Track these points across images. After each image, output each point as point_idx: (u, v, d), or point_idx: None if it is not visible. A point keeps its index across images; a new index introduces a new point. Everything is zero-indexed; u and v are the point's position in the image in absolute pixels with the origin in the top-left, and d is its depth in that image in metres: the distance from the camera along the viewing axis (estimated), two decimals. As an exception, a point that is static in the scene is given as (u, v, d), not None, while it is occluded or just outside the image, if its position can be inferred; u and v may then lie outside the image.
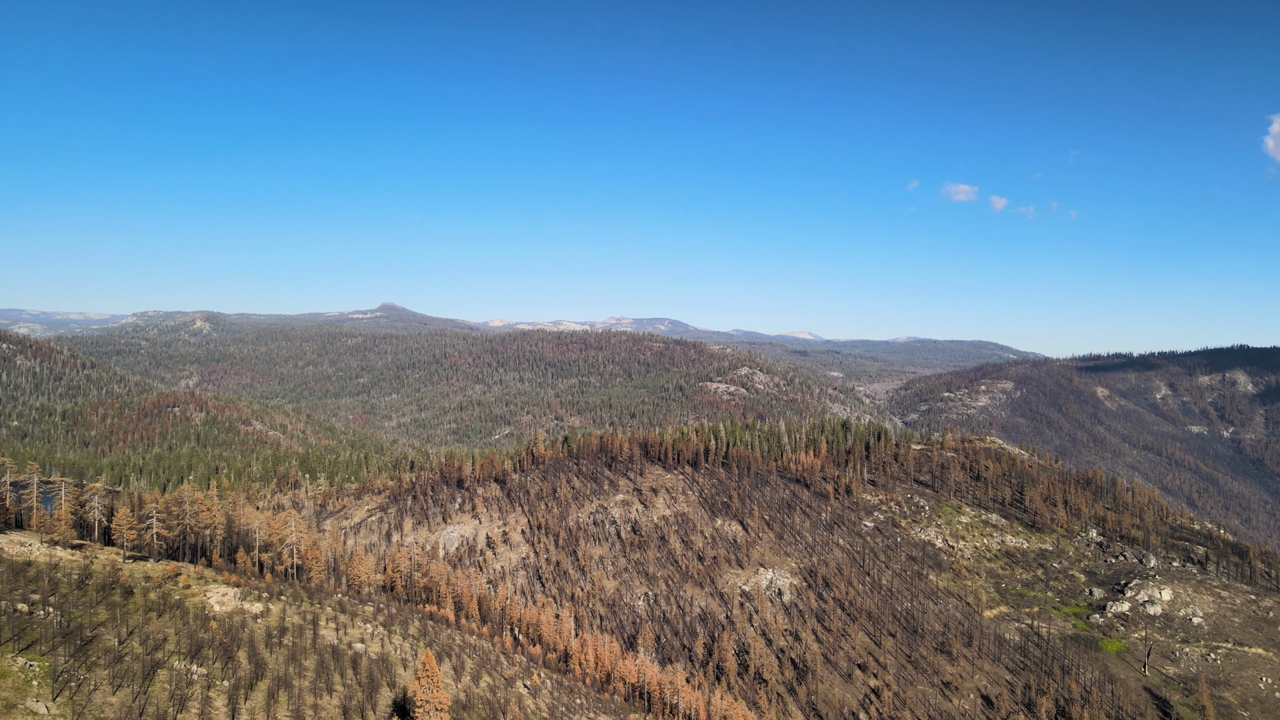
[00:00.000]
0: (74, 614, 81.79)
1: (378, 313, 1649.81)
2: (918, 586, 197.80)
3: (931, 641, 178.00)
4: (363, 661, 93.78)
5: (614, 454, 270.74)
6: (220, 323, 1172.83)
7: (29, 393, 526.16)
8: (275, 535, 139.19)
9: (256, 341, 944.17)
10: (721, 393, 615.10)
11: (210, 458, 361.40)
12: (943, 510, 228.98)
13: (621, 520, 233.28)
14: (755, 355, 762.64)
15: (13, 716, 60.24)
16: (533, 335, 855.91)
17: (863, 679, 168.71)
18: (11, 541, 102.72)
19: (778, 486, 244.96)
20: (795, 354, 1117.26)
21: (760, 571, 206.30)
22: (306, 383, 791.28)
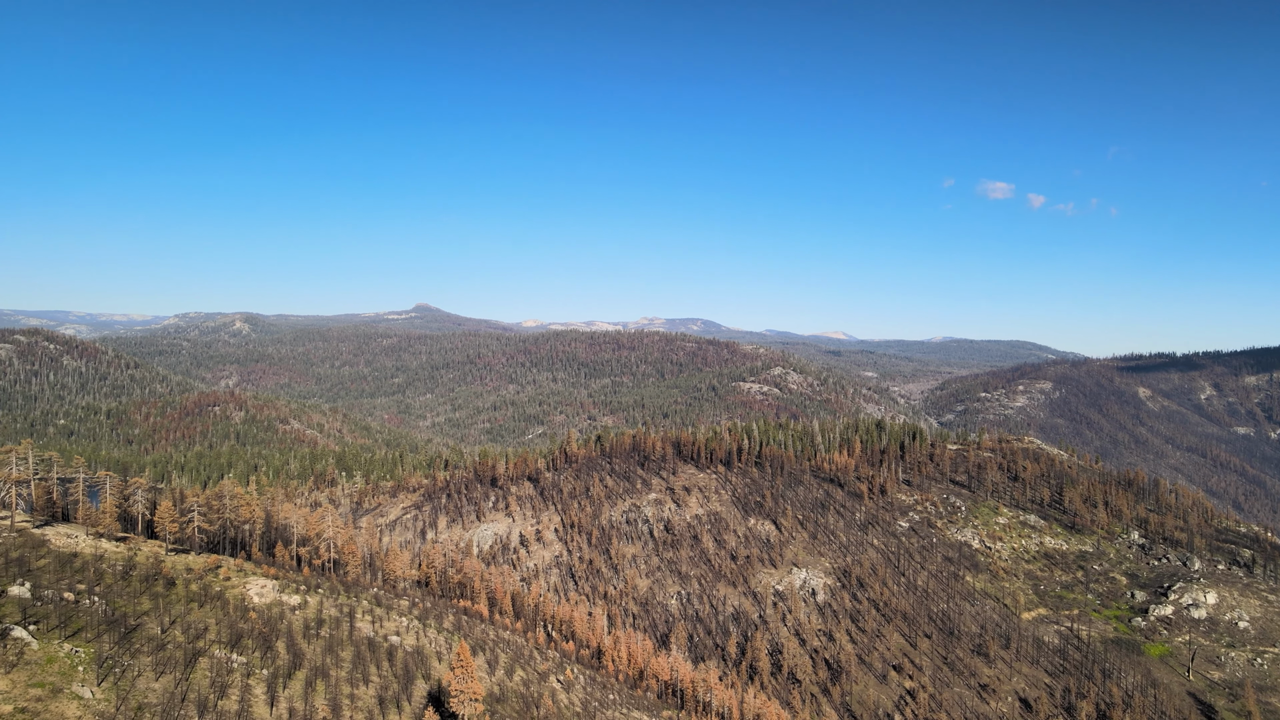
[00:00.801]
0: (118, 603, 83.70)
1: (412, 313, 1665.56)
2: (954, 588, 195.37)
3: (968, 643, 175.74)
4: (398, 654, 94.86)
5: (647, 453, 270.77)
6: (259, 323, 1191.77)
7: (75, 392, 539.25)
8: (313, 530, 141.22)
9: (294, 342, 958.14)
10: (754, 393, 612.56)
11: (249, 456, 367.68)
12: (979, 511, 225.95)
13: (654, 519, 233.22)
14: (788, 355, 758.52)
15: (59, 700, 61.80)
16: (566, 335, 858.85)
17: (898, 680, 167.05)
18: (59, 534, 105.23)
19: (811, 486, 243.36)
20: (829, 354, 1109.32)
21: (794, 571, 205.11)
22: (343, 382, 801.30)
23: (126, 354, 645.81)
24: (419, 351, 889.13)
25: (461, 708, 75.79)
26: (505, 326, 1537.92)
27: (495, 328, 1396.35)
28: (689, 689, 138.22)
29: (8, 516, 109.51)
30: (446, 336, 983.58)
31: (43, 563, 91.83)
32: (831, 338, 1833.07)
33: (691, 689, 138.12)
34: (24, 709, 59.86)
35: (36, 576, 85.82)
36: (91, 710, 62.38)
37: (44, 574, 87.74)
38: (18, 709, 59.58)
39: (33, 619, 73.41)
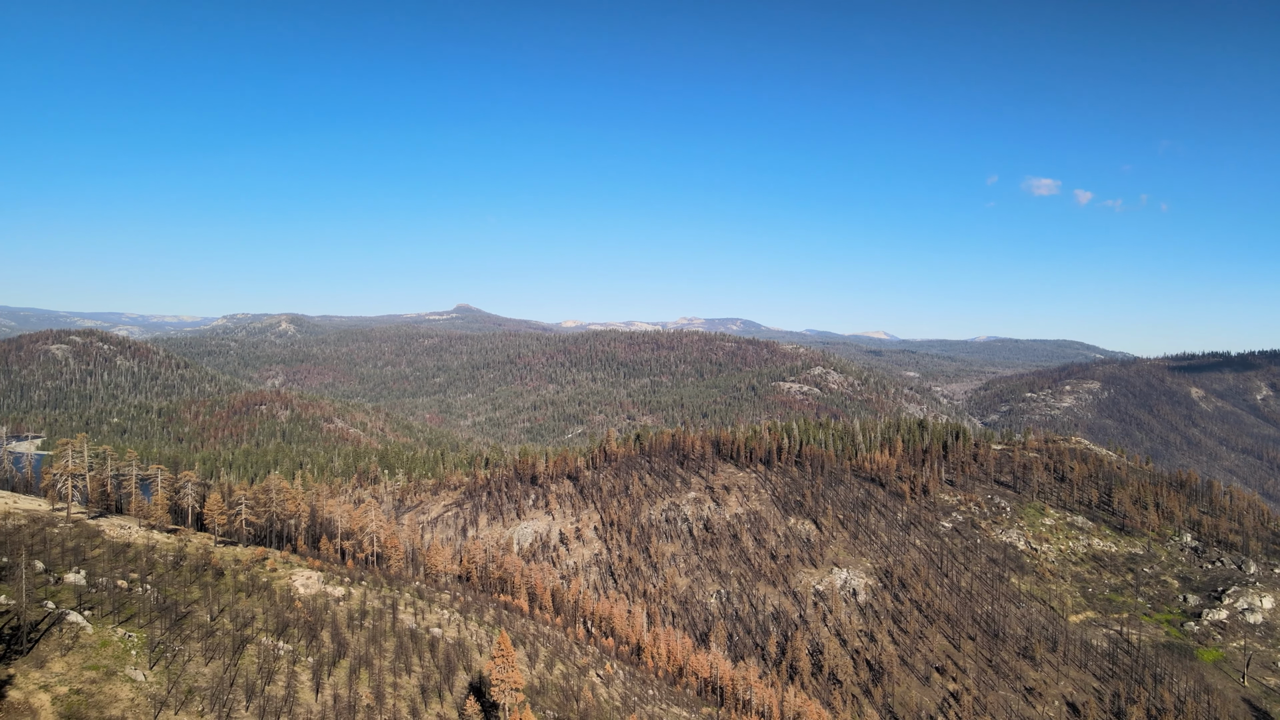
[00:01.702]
0: (169, 591, 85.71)
1: (453, 314, 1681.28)
2: (999, 589, 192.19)
3: (1013, 646, 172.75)
4: (440, 645, 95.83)
5: (686, 452, 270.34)
6: (304, 324, 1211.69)
7: (128, 391, 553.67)
8: (356, 524, 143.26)
9: (338, 342, 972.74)
10: (794, 392, 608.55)
11: (295, 453, 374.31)
12: (1025, 512, 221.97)
13: (693, 518, 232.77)
14: (829, 355, 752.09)
15: (113, 683, 63.43)
16: (605, 335, 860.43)
17: (941, 682, 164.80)
18: (113, 524, 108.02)
19: (852, 485, 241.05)
20: (870, 354, 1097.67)
21: (834, 571, 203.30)
22: (385, 382, 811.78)
23: (177, 354, 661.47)
24: (460, 351, 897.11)
25: (502, 697, 76.33)
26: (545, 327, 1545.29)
27: (535, 328, 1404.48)
28: (729, 687, 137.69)
29: (64, 508, 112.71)
30: (487, 337, 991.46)
31: (97, 552, 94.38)
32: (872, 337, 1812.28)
33: (731, 687, 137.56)
34: (79, 690, 61.56)
35: (91, 565, 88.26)
36: (144, 693, 63.95)
37: (98, 563, 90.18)
38: (73, 690, 61.29)
39: (88, 605, 75.50)
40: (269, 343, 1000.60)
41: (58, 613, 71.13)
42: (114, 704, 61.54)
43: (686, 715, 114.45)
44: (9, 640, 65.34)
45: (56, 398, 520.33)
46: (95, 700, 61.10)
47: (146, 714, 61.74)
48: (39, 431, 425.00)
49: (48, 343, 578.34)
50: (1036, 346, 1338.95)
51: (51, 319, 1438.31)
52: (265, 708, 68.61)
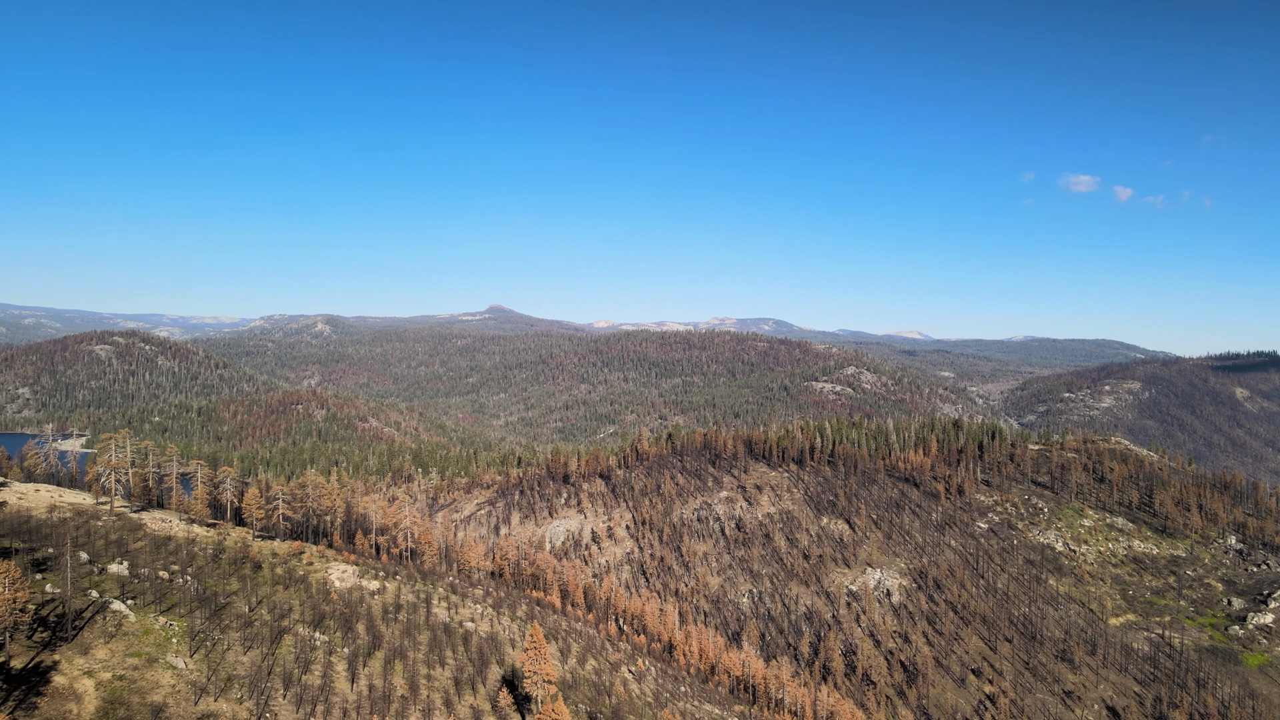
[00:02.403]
0: (209, 583, 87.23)
1: (486, 314, 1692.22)
2: (1036, 591, 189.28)
3: (1052, 648, 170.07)
4: (473, 639, 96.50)
5: (718, 451, 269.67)
6: (339, 325, 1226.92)
7: (169, 391, 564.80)
8: (390, 520, 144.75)
9: (372, 343, 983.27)
10: (827, 392, 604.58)
11: (330, 452, 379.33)
12: (1063, 513, 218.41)
13: (725, 517, 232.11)
14: (862, 355, 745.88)
15: (155, 669, 64.69)
16: (637, 336, 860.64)
17: (977, 684, 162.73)
18: (154, 518, 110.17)
19: (885, 485, 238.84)
20: (903, 354, 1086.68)
21: (868, 571, 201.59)
22: (419, 382, 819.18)
23: (216, 355, 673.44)
24: (493, 352, 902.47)
25: (535, 689, 76.65)
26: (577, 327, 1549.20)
27: (567, 328, 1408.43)
28: (761, 685, 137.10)
29: (108, 501, 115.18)
30: (519, 337, 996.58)
31: (139, 544, 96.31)
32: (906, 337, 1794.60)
33: (763, 685, 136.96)
34: (122, 676, 62.85)
35: (134, 556, 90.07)
36: (184, 679, 65.15)
37: (140, 554, 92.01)
38: (116, 676, 62.59)
39: (130, 595, 77.06)
40: (305, 343, 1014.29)
41: (101, 601, 72.68)
42: (155, 690, 62.76)
43: (719, 713, 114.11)
44: (54, 627, 66.89)
45: (100, 397, 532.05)
46: (137, 686, 62.35)
47: (187, 700, 62.90)
48: (83, 430, 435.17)
49: (92, 343, 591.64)
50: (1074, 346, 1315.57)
51: (96, 320, 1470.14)
52: (302, 696, 69.58)
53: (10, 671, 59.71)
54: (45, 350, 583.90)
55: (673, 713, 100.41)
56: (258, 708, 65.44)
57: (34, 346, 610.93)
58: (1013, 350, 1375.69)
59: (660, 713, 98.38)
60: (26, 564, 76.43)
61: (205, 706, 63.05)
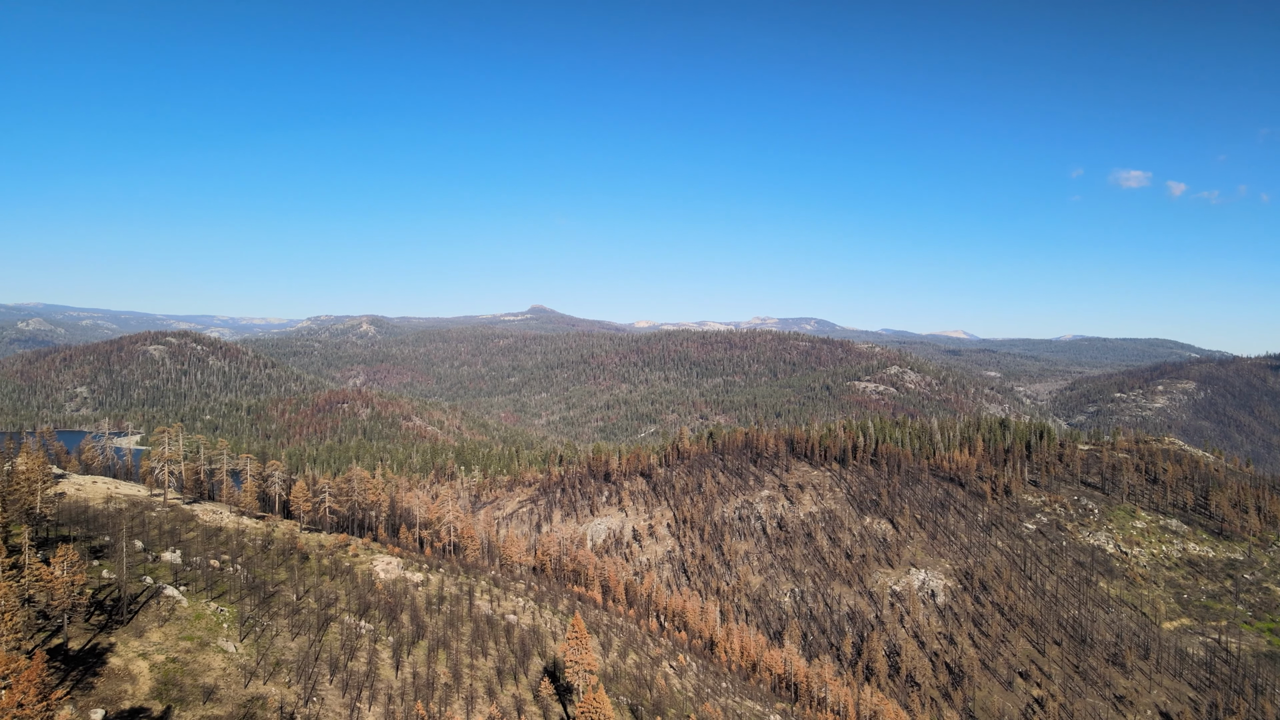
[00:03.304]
0: (258, 572, 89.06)
1: (528, 315, 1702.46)
2: (1086, 593, 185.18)
3: (1102, 652, 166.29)
4: (515, 631, 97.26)
5: (759, 450, 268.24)
6: (384, 325, 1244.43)
7: (219, 390, 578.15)
8: (433, 515, 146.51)
9: (416, 343, 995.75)
10: (870, 392, 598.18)
11: (375, 450, 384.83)
12: (1114, 514, 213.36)
13: (767, 516, 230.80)
14: (905, 354, 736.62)
15: (206, 653, 66.22)
16: (678, 335, 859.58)
17: (1025, 688, 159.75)
18: (205, 510, 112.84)
19: (930, 485, 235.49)
20: (948, 353, 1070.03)
21: (912, 571, 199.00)
22: (461, 381, 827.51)
23: (264, 355, 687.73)
24: (534, 352, 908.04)
25: (576, 678, 76.92)
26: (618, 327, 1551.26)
27: (608, 328, 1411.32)
28: (803, 684, 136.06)
29: (161, 493, 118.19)
30: (561, 337, 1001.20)
31: (191, 535, 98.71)
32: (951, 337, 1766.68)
33: (806, 684, 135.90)
34: (175, 659, 64.42)
35: (186, 546, 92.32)
36: (235, 663, 66.60)
37: (193, 544, 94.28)
38: (169, 659, 64.17)
39: (183, 581, 79.01)
40: (350, 343, 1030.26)
41: (155, 587, 74.60)
42: (207, 672, 64.23)
43: (760, 709, 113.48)
44: (110, 611, 68.80)
45: (154, 396, 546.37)
46: (190, 669, 63.86)
47: (237, 683, 64.28)
48: (138, 428, 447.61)
49: (146, 344, 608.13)
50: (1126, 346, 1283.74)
51: (149, 321, 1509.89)
52: (348, 681, 70.73)
53: (68, 652, 61.51)
54: (102, 351, 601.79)
55: (714, 708, 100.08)
56: (305, 691, 66.65)
57: (91, 347, 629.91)
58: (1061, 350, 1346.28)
59: (701, 706, 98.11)
60: (84, 551, 78.67)
61: (255, 689, 64.38)
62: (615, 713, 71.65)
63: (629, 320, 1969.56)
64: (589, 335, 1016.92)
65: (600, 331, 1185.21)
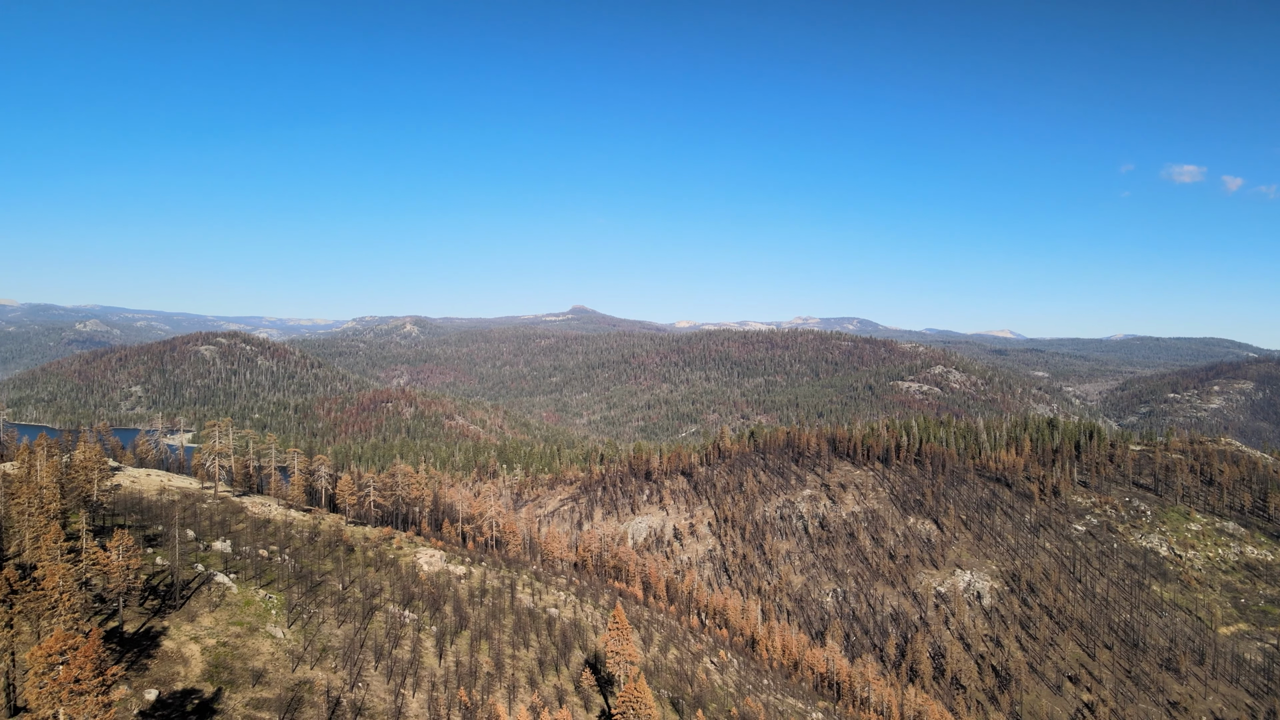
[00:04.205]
0: (305, 562, 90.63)
1: (569, 315, 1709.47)
2: (1138, 597, 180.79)
3: (1155, 657, 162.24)
4: (556, 624, 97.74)
5: (801, 449, 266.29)
6: (427, 326, 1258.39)
7: (268, 389, 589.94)
8: (476, 510, 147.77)
9: (459, 343, 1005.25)
10: (913, 391, 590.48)
11: (418, 448, 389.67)
12: (1167, 516, 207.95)
13: (809, 515, 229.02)
14: (950, 354, 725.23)
15: (255, 638, 67.57)
16: (719, 335, 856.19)
17: (1074, 692, 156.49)
18: (254, 502, 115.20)
19: (975, 485, 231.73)
20: (994, 353, 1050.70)
21: (957, 573, 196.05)
22: (503, 381, 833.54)
23: (311, 355, 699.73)
24: (575, 351, 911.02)
25: (617, 669, 77.03)
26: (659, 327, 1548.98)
27: (649, 328, 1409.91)
28: (845, 683, 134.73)
29: (212, 486, 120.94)
30: (602, 337, 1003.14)
31: (241, 526, 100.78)
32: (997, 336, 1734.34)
33: (848, 683, 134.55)
34: (225, 643, 65.85)
35: (236, 536, 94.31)
36: (283, 648, 67.87)
37: (242, 535, 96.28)
38: (220, 643, 65.61)
39: (233, 570, 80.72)
40: (394, 344, 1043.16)
41: (207, 574, 76.35)
42: (256, 657, 65.55)
43: (802, 707, 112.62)
44: (164, 596, 70.56)
45: (205, 395, 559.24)
46: (239, 652, 65.23)
47: (285, 667, 65.49)
48: (189, 426, 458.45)
49: (197, 344, 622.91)
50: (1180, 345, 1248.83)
51: (201, 322, 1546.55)
52: (393, 668, 71.68)
53: (124, 635, 63.21)
54: (155, 351, 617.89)
55: (755, 703, 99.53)
56: (351, 676, 67.70)
57: (145, 347, 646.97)
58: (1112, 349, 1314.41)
59: (743, 701, 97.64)
60: (139, 539, 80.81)
61: (302, 674, 65.55)
62: (656, 705, 71.63)
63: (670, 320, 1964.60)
64: (630, 335, 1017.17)
65: (641, 331, 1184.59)
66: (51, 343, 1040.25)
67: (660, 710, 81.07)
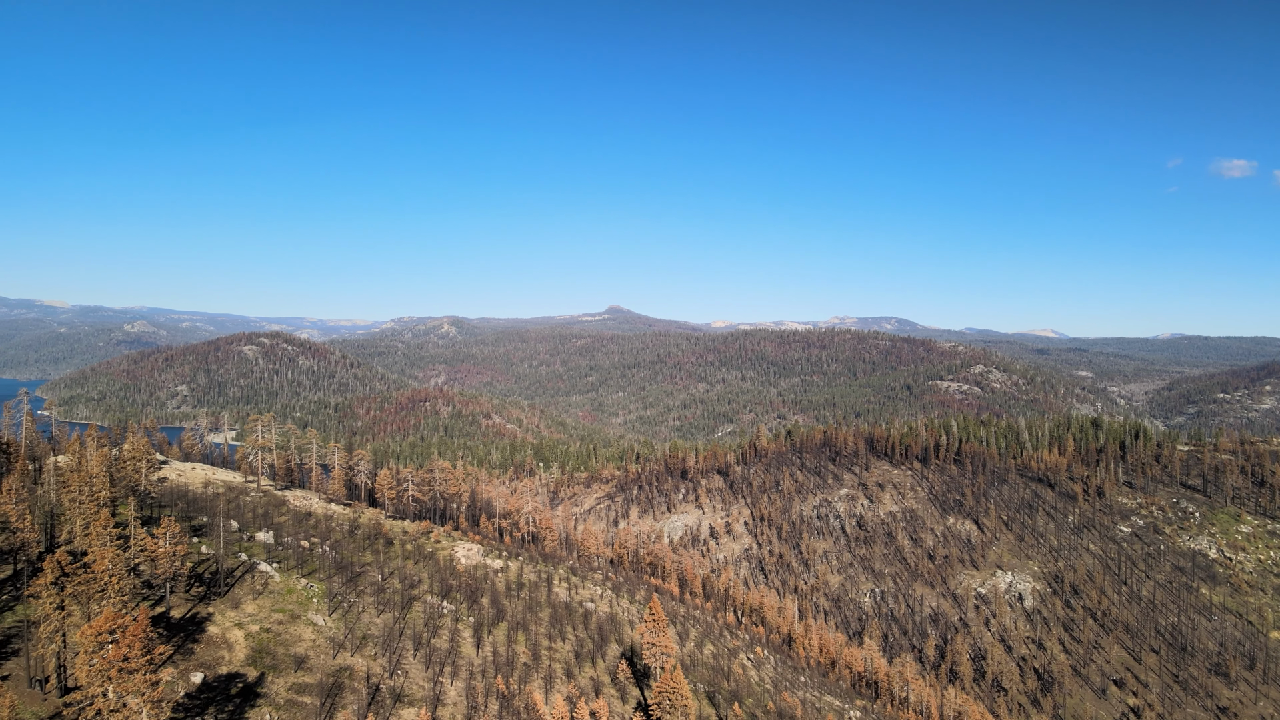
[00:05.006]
0: (345, 554, 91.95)
1: (605, 315, 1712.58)
2: (1186, 600, 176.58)
3: (1204, 661, 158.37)
4: (592, 618, 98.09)
5: (838, 448, 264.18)
6: (464, 326, 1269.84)
7: (308, 388, 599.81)
8: (513, 506, 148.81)
9: (495, 343, 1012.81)
10: (953, 391, 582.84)
11: (456, 446, 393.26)
12: (1216, 517, 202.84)
13: (846, 514, 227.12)
14: (990, 353, 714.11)
15: (297, 625, 68.68)
16: (755, 335, 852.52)
17: (1119, 696, 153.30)
18: (296, 496, 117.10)
19: (1016, 485, 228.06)
20: (1036, 353, 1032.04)
21: (998, 574, 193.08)
22: (540, 381, 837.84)
23: (351, 355, 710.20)
24: (611, 351, 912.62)
25: (653, 660, 77.04)
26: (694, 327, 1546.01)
27: (685, 328, 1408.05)
28: (884, 682, 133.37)
29: (255, 480, 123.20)
30: (637, 337, 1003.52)
31: (283, 518, 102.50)
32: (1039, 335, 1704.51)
33: (886, 682, 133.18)
34: (268, 629, 67.01)
35: (278, 528, 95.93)
36: (324, 635, 68.92)
37: (284, 527, 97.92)
38: (263, 629, 66.78)
39: (275, 560, 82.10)
40: (432, 344, 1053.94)
41: (250, 562, 77.79)
42: (298, 643, 66.63)
43: (839, 704, 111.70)
44: (209, 583, 71.99)
45: (248, 394, 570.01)
46: (282, 639, 66.35)
47: (326, 654, 66.49)
48: (233, 424, 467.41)
49: (241, 344, 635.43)
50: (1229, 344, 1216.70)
51: (244, 323, 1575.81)
52: (431, 657, 72.44)
53: (170, 620, 64.60)
54: (200, 351, 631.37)
55: (792, 699, 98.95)
56: (390, 664, 68.57)
57: (190, 348, 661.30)
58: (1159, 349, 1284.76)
59: (779, 697, 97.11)
60: (185, 529, 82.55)
61: (342, 660, 66.53)
62: (693, 697, 71.50)
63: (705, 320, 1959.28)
64: (665, 335, 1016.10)
65: (677, 331, 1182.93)
66: (101, 343, 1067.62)
67: (696, 703, 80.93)
